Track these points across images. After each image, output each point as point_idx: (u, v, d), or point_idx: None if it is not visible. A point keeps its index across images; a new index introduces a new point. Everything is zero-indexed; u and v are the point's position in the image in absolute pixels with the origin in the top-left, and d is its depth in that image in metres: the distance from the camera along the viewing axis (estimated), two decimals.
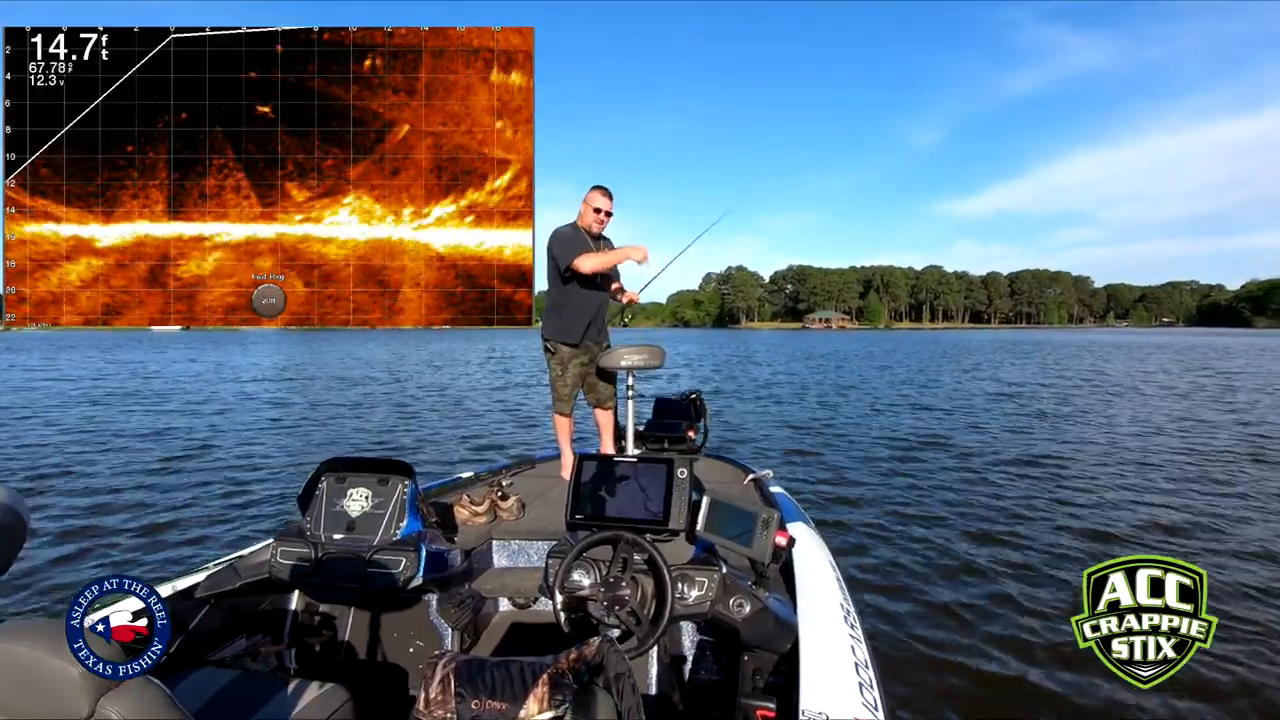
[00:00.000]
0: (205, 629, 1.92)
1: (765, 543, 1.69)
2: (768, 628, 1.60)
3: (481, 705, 1.00)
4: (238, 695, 1.54)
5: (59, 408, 12.21)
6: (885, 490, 6.29)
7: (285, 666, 2.09)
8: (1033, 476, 6.71)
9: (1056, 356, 28.87)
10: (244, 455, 7.86)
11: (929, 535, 4.90)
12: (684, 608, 1.65)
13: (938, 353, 33.63)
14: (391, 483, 2.01)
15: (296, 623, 2.19)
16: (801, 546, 1.97)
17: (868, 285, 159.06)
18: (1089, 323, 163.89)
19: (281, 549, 1.92)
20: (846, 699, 1.26)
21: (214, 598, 1.92)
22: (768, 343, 52.47)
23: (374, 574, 1.85)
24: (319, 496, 2.01)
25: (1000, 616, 3.55)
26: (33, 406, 12.35)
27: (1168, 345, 40.29)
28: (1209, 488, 6.09)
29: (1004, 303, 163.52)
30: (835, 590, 1.83)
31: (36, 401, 13.12)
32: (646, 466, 1.92)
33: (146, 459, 7.62)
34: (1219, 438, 8.59)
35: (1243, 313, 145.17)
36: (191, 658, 1.83)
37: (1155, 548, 4.52)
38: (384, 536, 1.94)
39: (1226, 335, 68.53)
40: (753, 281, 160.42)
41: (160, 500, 5.92)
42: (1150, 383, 16.11)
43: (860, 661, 1.44)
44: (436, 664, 1.06)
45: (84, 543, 4.80)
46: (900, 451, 8.19)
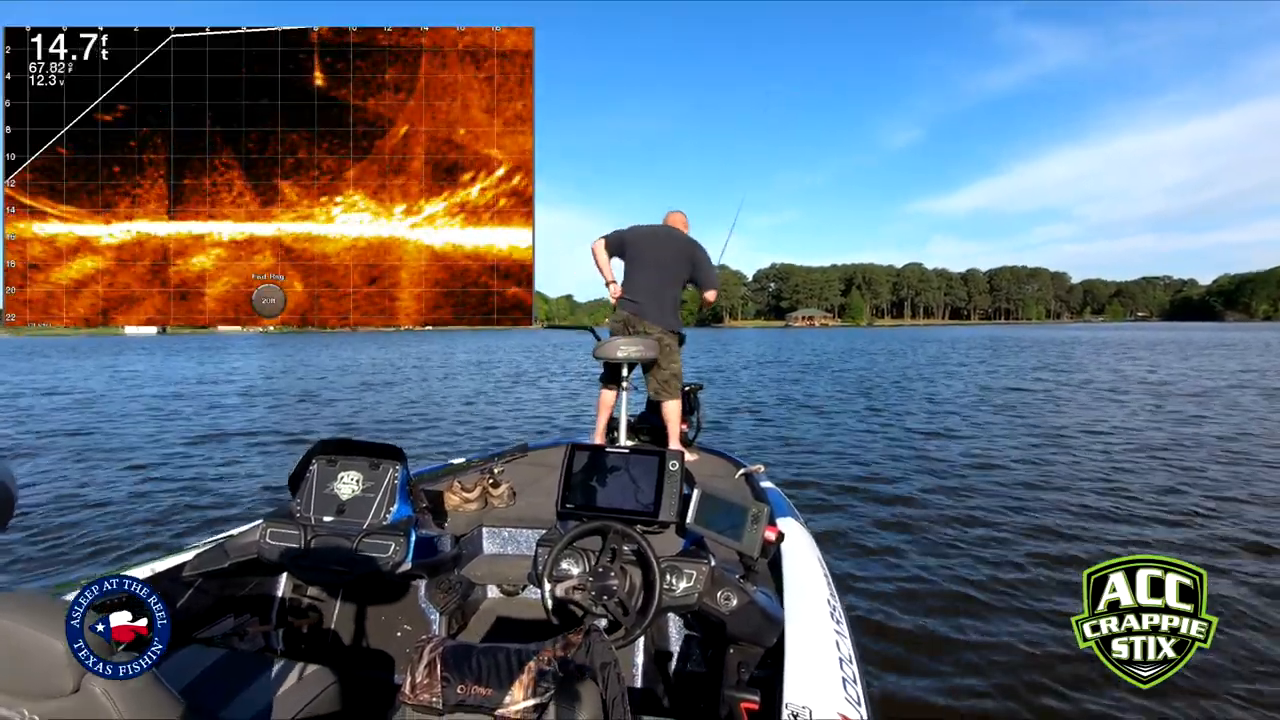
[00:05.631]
0: (192, 608, 1.90)
1: (755, 537, 1.70)
2: (754, 621, 1.61)
3: (467, 690, 1.00)
4: (224, 674, 1.54)
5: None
6: (876, 486, 6.29)
7: (272, 647, 2.08)
8: (1031, 472, 6.66)
9: (1059, 353, 28.94)
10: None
11: (921, 532, 4.90)
12: (672, 599, 1.66)
13: (915, 344, 33.88)
14: (383, 467, 2.00)
15: (284, 604, 2.18)
16: (791, 542, 1.99)
17: (849, 283, 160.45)
18: (1066, 318, 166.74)
19: (271, 530, 1.90)
20: (830, 694, 1.27)
21: (202, 577, 1.90)
22: (756, 340, 52.59)
23: (363, 557, 1.84)
24: (310, 478, 2.00)
25: (991, 614, 3.55)
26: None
27: (1164, 342, 39.68)
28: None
29: (983, 299, 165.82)
30: (823, 586, 1.84)
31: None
32: (638, 457, 1.94)
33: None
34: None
35: (1214, 307, 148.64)
36: (178, 636, 1.82)
37: (1155, 547, 4.50)
38: (374, 520, 1.93)
39: (1202, 329, 69.79)
40: (735, 280, 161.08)
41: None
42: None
43: (845, 657, 1.46)
44: (423, 648, 1.05)
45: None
46: (895, 447, 8.20)
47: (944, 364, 22.78)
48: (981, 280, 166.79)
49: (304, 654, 1.96)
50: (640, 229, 3.51)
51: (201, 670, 1.55)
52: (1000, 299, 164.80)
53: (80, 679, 0.86)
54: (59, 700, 0.86)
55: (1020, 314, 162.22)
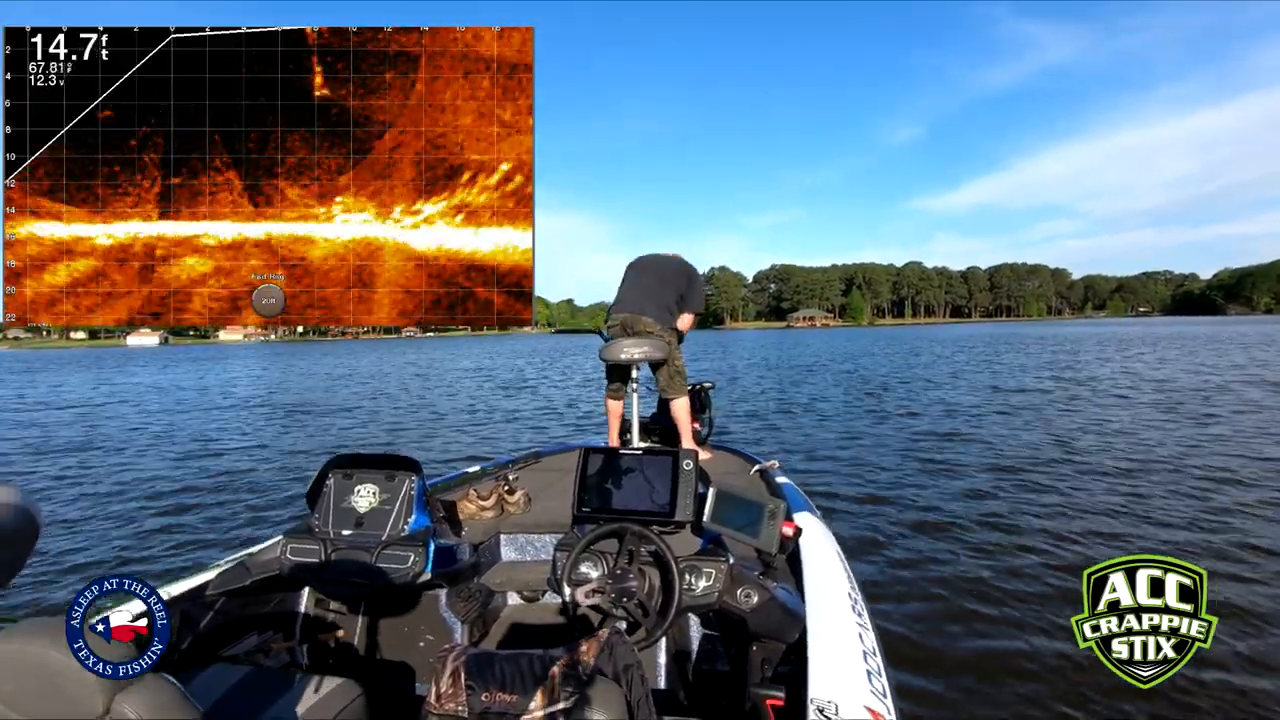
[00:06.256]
0: (217, 626, 1.91)
1: (772, 533, 1.70)
2: (776, 618, 1.61)
3: (492, 697, 1.01)
4: (250, 691, 1.54)
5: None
6: (892, 479, 6.28)
7: (297, 663, 2.08)
8: (1045, 470, 6.62)
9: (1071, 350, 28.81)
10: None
11: (937, 525, 4.90)
12: (692, 599, 1.66)
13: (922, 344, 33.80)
14: (399, 478, 2.00)
15: (307, 619, 2.18)
16: (808, 536, 1.97)
17: (850, 283, 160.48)
18: (1068, 314, 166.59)
19: (291, 546, 1.91)
20: (855, 687, 1.26)
21: (225, 595, 1.90)
22: (757, 342, 52.56)
23: (383, 569, 1.84)
24: (327, 493, 2.00)
25: (1009, 604, 3.56)
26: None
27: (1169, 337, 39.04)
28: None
29: (984, 297, 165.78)
30: (843, 579, 1.83)
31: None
32: (652, 458, 1.93)
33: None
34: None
35: (1215, 301, 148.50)
36: (204, 655, 1.82)
37: (1158, 549, 4.47)
38: (392, 532, 1.93)
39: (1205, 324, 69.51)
40: (736, 282, 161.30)
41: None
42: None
43: (868, 650, 1.45)
44: (447, 657, 1.06)
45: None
46: (908, 442, 8.19)
47: (944, 366, 22.72)
48: (982, 278, 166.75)
49: (329, 668, 1.98)
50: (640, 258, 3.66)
51: (228, 688, 1.55)
52: (1001, 296, 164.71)
53: (110, 701, 0.85)
54: None
55: (1021, 311, 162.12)
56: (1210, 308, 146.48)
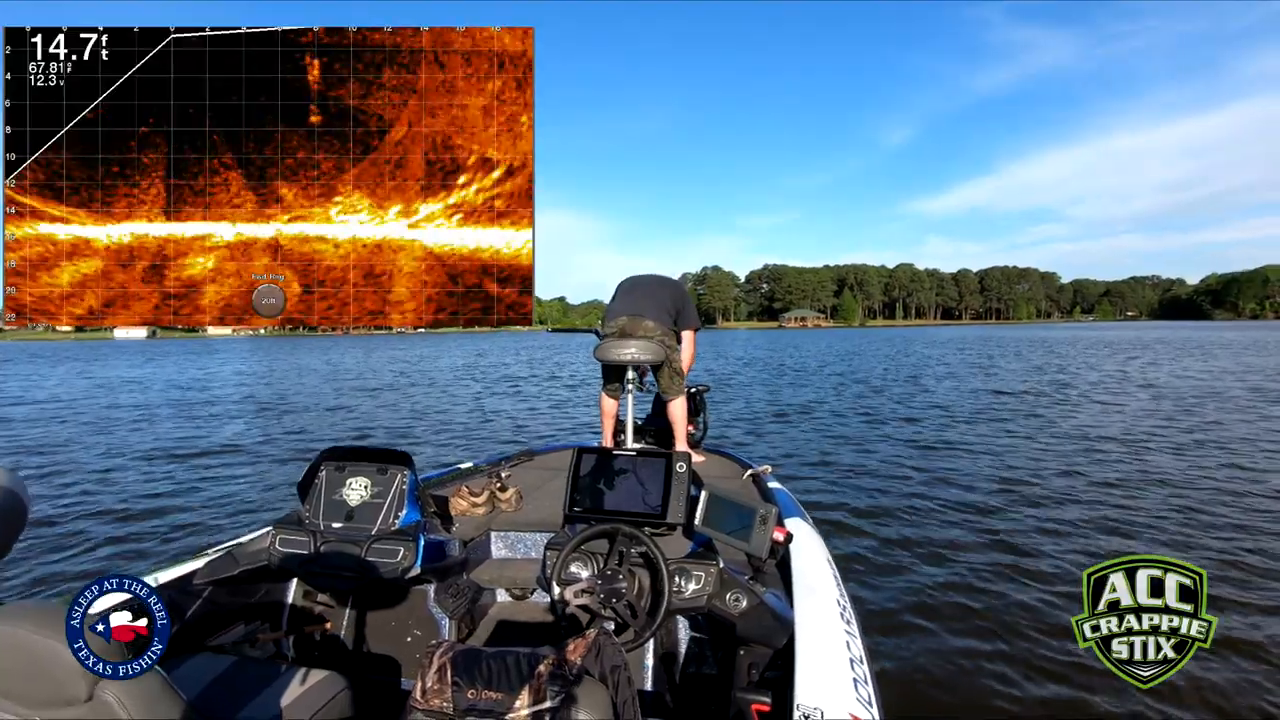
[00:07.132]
0: (203, 615, 1.90)
1: (763, 538, 1.71)
2: (764, 622, 1.62)
3: (477, 695, 1.01)
4: (235, 681, 1.53)
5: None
6: (883, 486, 6.28)
7: (283, 654, 2.09)
8: (1038, 474, 6.66)
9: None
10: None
11: (928, 532, 4.89)
12: (681, 601, 1.67)
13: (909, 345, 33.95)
14: (391, 472, 2.00)
15: (295, 610, 2.18)
16: (799, 542, 1.98)
17: (842, 284, 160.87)
18: (1057, 317, 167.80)
19: (280, 537, 1.91)
20: (841, 694, 1.27)
21: (212, 584, 1.90)
22: (750, 342, 52.65)
23: (372, 563, 1.84)
24: (318, 485, 2.00)
25: (999, 614, 3.55)
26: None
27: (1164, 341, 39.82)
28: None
29: (974, 299, 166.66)
30: (832, 586, 1.84)
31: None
32: (645, 460, 1.94)
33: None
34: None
35: (1202, 306, 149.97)
36: (190, 643, 1.81)
37: (1159, 546, 4.50)
38: (382, 526, 1.93)
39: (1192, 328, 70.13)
40: (728, 281, 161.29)
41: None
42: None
43: (855, 657, 1.46)
44: (433, 653, 1.06)
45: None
46: (901, 449, 8.18)
47: (943, 365, 22.84)
48: (972, 280, 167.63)
49: (315, 660, 1.96)
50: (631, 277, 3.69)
51: (213, 677, 1.55)
52: (991, 299, 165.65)
53: (93, 686, 0.86)
54: (73, 708, 0.87)
55: (1011, 314, 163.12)
56: (1197, 313, 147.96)
